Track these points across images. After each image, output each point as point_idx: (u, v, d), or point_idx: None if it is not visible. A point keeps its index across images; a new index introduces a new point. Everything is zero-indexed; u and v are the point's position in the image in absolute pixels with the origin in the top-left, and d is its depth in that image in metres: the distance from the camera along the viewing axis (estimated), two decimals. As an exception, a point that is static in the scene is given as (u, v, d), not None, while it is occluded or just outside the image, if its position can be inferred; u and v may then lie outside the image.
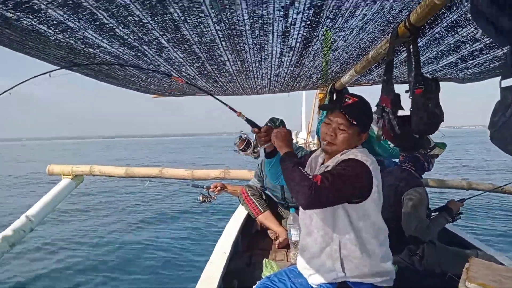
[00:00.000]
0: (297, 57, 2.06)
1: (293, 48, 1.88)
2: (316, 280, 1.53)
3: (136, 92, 3.14)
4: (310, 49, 1.95)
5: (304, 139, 12.34)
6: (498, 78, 0.86)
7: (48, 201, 4.96)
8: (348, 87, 3.58)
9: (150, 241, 6.48)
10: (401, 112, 1.83)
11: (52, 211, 5.29)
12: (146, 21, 1.40)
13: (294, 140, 3.87)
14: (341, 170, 1.37)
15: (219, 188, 3.64)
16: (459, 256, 2.32)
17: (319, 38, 1.80)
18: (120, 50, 1.67)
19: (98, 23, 1.36)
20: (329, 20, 1.57)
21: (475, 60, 2.12)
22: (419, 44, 1.80)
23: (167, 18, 1.39)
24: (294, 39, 1.73)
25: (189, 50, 1.75)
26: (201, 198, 3.52)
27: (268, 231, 3.29)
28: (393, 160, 4.05)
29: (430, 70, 2.52)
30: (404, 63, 2.48)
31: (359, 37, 1.89)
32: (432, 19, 1.56)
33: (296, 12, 1.43)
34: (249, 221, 3.47)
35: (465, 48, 1.89)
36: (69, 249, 6.28)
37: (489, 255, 2.50)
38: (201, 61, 1.94)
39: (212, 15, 1.38)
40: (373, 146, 3.85)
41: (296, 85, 3.05)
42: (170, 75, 2.12)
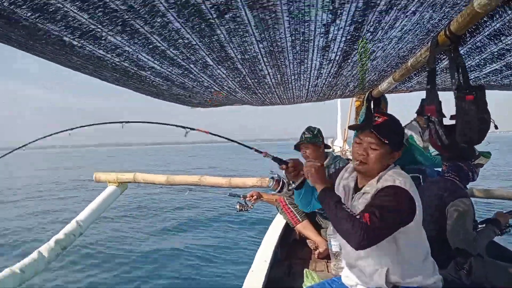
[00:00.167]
0: (335, 68, 2.08)
1: (332, 61, 1.91)
2: None
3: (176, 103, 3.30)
4: (349, 60, 1.96)
5: (340, 147, 12.07)
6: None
7: (95, 207, 5.28)
8: (385, 94, 3.53)
9: (188, 247, 6.61)
10: (445, 121, 1.78)
11: (99, 217, 5.63)
12: (195, 43, 1.49)
13: (330, 148, 3.84)
14: (385, 203, 1.36)
15: (255, 197, 3.68)
16: (508, 271, 2.21)
17: (358, 50, 1.81)
18: (169, 69, 1.79)
19: (151, 46, 1.47)
20: (369, 34, 1.58)
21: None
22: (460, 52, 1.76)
23: (213, 39, 1.47)
24: (334, 52, 1.76)
25: (232, 67, 1.84)
26: (238, 206, 3.58)
27: (307, 241, 3.28)
28: (436, 169, 3.90)
29: (472, 77, 2.43)
30: (445, 71, 2.43)
31: (398, 46, 1.88)
32: (474, 27, 1.52)
33: (337, 29, 1.46)
34: (287, 230, 3.48)
35: (511, 56, 1.82)
36: (110, 254, 6.51)
37: None
38: (242, 75, 2.02)
39: (256, 34, 1.45)
40: (414, 155, 3.73)
41: (333, 93, 3.06)
42: (212, 90, 2.21)
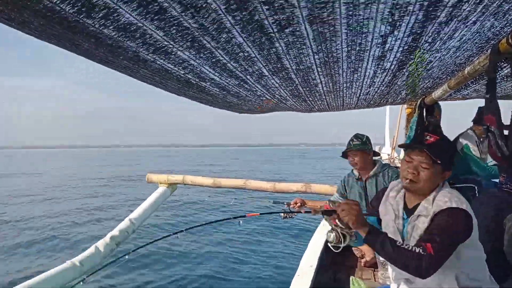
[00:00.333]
0: (389, 77, 2.07)
1: (387, 70, 1.90)
2: None
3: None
4: (405, 70, 1.95)
5: (389, 154, 11.63)
6: None
7: (147, 207, 5.63)
8: (439, 102, 3.39)
9: (232, 252, 6.67)
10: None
11: (150, 216, 5.96)
12: (254, 55, 1.58)
13: (379, 156, 3.76)
14: (445, 226, 1.36)
15: (299, 204, 3.66)
16: None
17: (415, 60, 1.79)
18: (227, 80, 1.90)
19: (214, 60, 1.58)
20: (427, 44, 1.57)
21: None
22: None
23: (271, 52, 1.55)
24: (390, 62, 1.76)
25: (285, 77, 1.91)
26: (282, 214, 3.59)
27: (353, 249, 3.24)
28: (493, 180, 3.67)
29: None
30: (505, 79, 2.31)
31: (455, 55, 1.84)
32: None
33: (394, 39, 1.48)
34: (332, 237, 3.46)
35: None
36: (159, 252, 6.72)
37: None
38: (295, 84, 2.08)
39: (313, 46, 1.51)
40: (469, 165, 3.54)
41: (383, 101, 3.01)
42: (264, 98, 2.30)
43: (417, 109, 3.44)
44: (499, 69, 2.08)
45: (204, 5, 1.08)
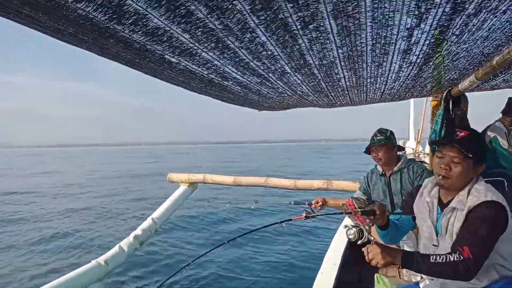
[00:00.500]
0: (415, 71, 2.02)
1: (413, 64, 1.86)
2: None
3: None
4: (431, 63, 1.90)
5: (413, 149, 11.33)
6: None
7: (169, 206, 5.74)
8: (466, 93, 3.28)
9: (252, 252, 6.61)
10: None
11: (172, 215, 6.06)
12: (276, 53, 1.59)
13: (403, 150, 3.68)
14: (482, 223, 1.37)
15: (320, 203, 3.62)
16: None
17: (441, 53, 1.75)
18: (249, 79, 1.91)
19: (237, 59, 1.60)
20: (454, 37, 1.53)
21: None
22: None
23: (295, 49, 1.55)
24: (416, 55, 1.72)
25: (308, 73, 1.90)
26: (304, 214, 3.56)
27: (377, 245, 3.20)
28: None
29: None
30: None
31: (483, 45, 1.78)
32: None
33: (421, 32, 1.44)
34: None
35: None
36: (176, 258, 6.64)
37: None
38: (317, 80, 2.07)
39: (337, 40, 1.49)
40: (498, 158, 3.41)
41: (408, 94, 2.95)
42: (285, 95, 2.30)
43: (442, 101, 3.34)
44: None
45: (229, 7, 1.10)
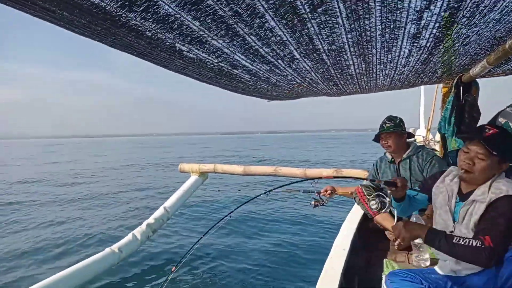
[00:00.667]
0: (425, 55, 2.00)
1: (422, 48, 1.85)
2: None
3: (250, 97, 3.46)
4: (441, 47, 1.88)
5: (423, 137, 11.20)
6: None
7: (181, 195, 5.85)
8: (477, 79, 3.23)
9: (264, 241, 6.63)
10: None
11: (183, 204, 6.16)
12: (285, 39, 1.60)
13: (413, 138, 3.66)
14: (503, 215, 1.42)
15: (329, 191, 3.64)
16: None
17: (451, 36, 1.73)
18: (259, 66, 1.93)
19: (247, 46, 1.61)
20: (465, 19, 1.51)
21: None
22: None
23: (303, 33, 1.56)
24: (425, 39, 1.71)
25: (317, 58, 1.90)
26: (313, 203, 3.58)
27: (386, 232, 3.22)
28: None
29: None
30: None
31: (495, 28, 1.75)
32: None
33: (430, 15, 1.43)
34: (365, 220, 3.45)
35: None
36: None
37: None
38: (326, 66, 2.07)
39: (346, 24, 1.49)
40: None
41: (419, 81, 2.92)
42: (294, 82, 2.30)
43: (453, 87, 3.30)
44: None
45: (239, -9, 1.11)
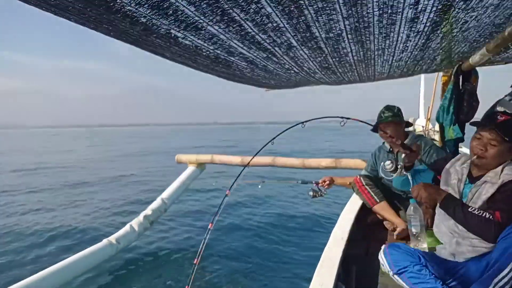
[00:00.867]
0: (423, 40, 1.99)
1: (420, 33, 1.83)
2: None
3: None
4: (438, 31, 1.87)
5: (423, 126, 11.20)
6: None
7: (178, 186, 5.85)
8: (477, 68, 3.22)
9: (261, 230, 6.64)
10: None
11: (181, 195, 6.16)
12: (282, 25, 1.58)
13: (411, 127, 3.65)
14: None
15: (328, 182, 3.64)
16: None
17: (449, 21, 1.72)
18: (255, 54, 1.91)
19: (243, 33, 1.60)
20: (462, 2, 1.49)
21: None
22: None
23: (301, 20, 1.54)
24: (423, 23, 1.70)
25: (314, 46, 1.89)
26: (312, 193, 3.57)
27: (384, 222, 3.22)
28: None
29: None
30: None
31: (494, 14, 1.73)
32: None
33: None
34: (363, 211, 3.45)
35: None
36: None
37: None
38: (324, 55, 2.05)
39: (343, 10, 1.48)
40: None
41: (418, 68, 2.90)
42: (292, 72, 2.29)
43: (453, 76, 3.29)
44: None
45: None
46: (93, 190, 11.38)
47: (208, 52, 1.84)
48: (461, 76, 3.20)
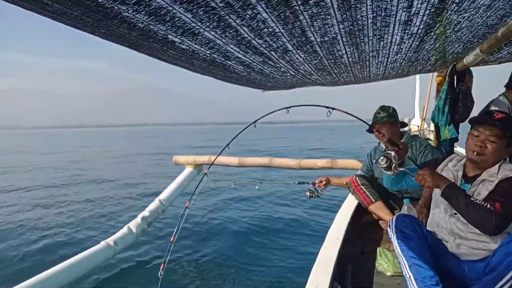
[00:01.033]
0: (417, 42, 2.02)
1: (414, 35, 1.86)
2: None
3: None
4: (432, 33, 1.89)
5: (418, 126, 11.26)
6: None
7: (175, 188, 5.84)
8: (471, 67, 3.25)
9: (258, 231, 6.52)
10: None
11: (178, 196, 6.14)
12: (278, 30, 1.60)
13: (406, 127, 3.68)
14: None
15: (324, 182, 3.65)
16: None
17: (442, 22, 1.74)
18: (252, 58, 1.93)
19: (239, 38, 1.61)
20: (454, 5, 1.52)
21: None
22: None
23: (296, 25, 1.56)
24: (416, 26, 1.72)
25: (310, 50, 1.91)
26: (308, 194, 3.58)
27: (380, 222, 3.25)
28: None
29: None
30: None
31: (486, 14, 1.76)
32: None
33: (420, 2, 1.44)
34: (359, 211, 3.48)
35: None
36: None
37: None
38: (319, 57, 2.07)
39: (338, 15, 1.50)
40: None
41: (412, 69, 2.93)
42: (288, 74, 2.30)
43: (447, 76, 3.32)
44: None
45: (230, -17, 1.11)
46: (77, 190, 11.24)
47: (205, 56, 1.85)
48: (455, 76, 3.23)
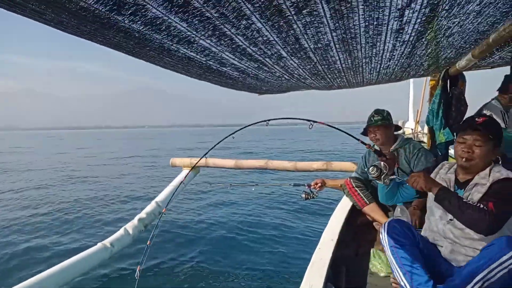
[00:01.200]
0: (409, 49, 2.05)
1: (406, 42, 1.90)
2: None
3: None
4: (423, 39, 1.93)
5: (412, 129, 11.33)
6: None
7: (172, 190, 5.83)
8: (463, 72, 3.30)
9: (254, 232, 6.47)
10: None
11: (175, 198, 6.14)
12: (272, 39, 1.63)
13: (400, 130, 3.72)
14: (504, 191, 1.51)
15: (319, 184, 3.69)
16: None
17: (433, 28, 1.78)
18: (247, 64, 1.95)
19: (234, 46, 1.64)
20: (444, 11, 1.56)
21: None
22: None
23: (290, 34, 1.59)
24: (408, 34, 1.76)
25: (304, 56, 1.94)
26: (304, 196, 3.62)
27: (374, 223, 3.28)
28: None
29: None
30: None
31: (477, 21, 1.81)
32: None
33: (412, 12, 1.48)
34: (353, 212, 3.51)
35: None
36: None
37: None
38: (313, 63, 2.11)
39: (331, 24, 1.53)
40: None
41: (405, 75, 2.97)
42: (283, 79, 2.33)
43: (440, 81, 3.36)
44: None
45: (225, -5, 1.13)
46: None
47: (200, 63, 1.87)
48: (448, 80, 3.27)
